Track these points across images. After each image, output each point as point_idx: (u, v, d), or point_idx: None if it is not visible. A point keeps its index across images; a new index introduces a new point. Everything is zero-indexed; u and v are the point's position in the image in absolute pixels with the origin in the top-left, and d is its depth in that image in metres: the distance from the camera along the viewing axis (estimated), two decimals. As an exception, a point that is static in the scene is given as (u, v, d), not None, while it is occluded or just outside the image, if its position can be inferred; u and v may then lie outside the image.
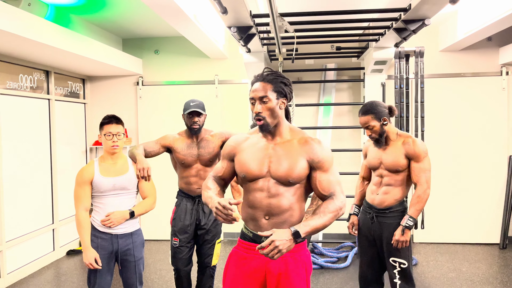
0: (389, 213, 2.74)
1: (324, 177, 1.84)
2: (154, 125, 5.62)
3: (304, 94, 5.51)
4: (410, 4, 3.07)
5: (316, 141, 1.87)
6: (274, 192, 1.83)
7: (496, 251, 5.01)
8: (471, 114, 5.25)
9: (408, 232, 2.64)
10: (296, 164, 1.82)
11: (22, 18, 3.43)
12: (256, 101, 1.83)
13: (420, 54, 4.60)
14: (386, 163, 2.73)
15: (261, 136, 1.92)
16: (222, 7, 2.81)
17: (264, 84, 1.83)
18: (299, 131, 1.93)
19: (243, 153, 1.90)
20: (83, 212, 2.60)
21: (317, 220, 1.75)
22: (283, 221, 1.84)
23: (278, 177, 1.82)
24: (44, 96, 4.80)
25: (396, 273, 2.72)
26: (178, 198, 3.16)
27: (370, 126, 2.70)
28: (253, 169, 1.85)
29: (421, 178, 2.65)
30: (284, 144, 1.87)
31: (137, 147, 2.91)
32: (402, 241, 2.65)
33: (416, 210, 2.66)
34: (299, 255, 1.88)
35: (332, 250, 4.98)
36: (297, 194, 1.86)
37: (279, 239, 1.65)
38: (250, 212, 1.89)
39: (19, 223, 4.36)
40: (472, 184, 5.27)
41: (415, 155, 2.66)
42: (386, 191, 2.76)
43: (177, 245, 3.06)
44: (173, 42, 5.66)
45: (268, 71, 1.88)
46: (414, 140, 2.69)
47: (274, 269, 1.85)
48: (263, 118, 1.82)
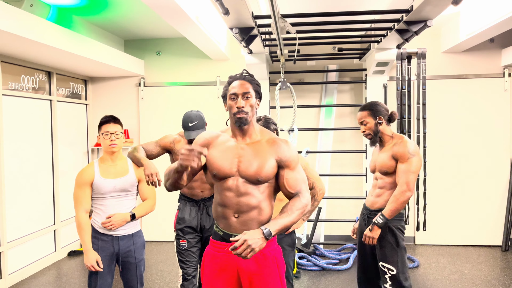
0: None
1: (291, 175, 1.91)
2: (156, 126, 5.63)
3: (306, 96, 5.51)
4: (412, 6, 3.06)
5: (283, 141, 1.95)
6: (243, 190, 1.88)
7: (498, 253, 4.99)
8: (473, 116, 5.23)
9: (376, 229, 2.59)
10: (265, 163, 1.88)
11: (24, 19, 3.44)
12: (238, 97, 1.90)
13: (422, 55, 4.59)
14: (378, 165, 2.74)
15: (230, 136, 1.98)
16: (224, 8, 2.80)
17: (246, 82, 1.93)
18: (267, 132, 2.01)
19: (214, 151, 1.95)
20: (83, 214, 2.59)
21: (286, 218, 1.82)
22: (252, 219, 1.89)
23: (247, 176, 1.88)
24: (46, 97, 4.80)
25: (387, 278, 2.67)
26: (181, 203, 3.07)
27: (365, 122, 2.72)
28: (223, 167, 1.90)
29: (401, 179, 2.58)
30: (253, 144, 1.93)
31: (137, 149, 2.85)
32: (369, 237, 2.62)
33: (389, 210, 2.57)
34: (268, 251, 1.92)
35: (333, 252, 4.97)
36: (265, 193, 1.92)
37: (251, 238, 1.71)
38: (220, 210, 1.94)
39: (20, 224, 4.37)
40: (474, 185, 5.26)
41: (400, 155, 2.61)
42: (379, 193, 2.75)
43: (186, 247, 2.95)
44: (174, 43, 5.67)
45: (246, 73, 1.98)
46: (403, 141, 2.65)
47: (245, 267, 1.90)
48: (246, 112, 1.89)
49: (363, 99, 5.35)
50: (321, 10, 3.55)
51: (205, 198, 3.03)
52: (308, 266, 4.52)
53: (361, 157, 5.39)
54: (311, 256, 4.65)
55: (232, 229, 1.91)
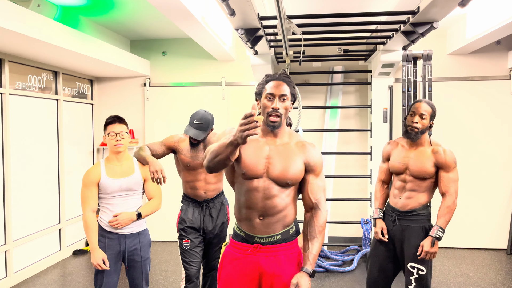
0: (413, 216, 2.69)
1: (315, 181, 1.90)
2: (161, 126, 5.64)
3: (311, 97, 5.51)
4: (418, 7, 3.05)
5: (312, 145, 1.93)
6: (270, 192, 1.85)
7: (503, 256, 4.96)
8: (479, 118, 5.21)
9: (437, 243, 2.60)
10: (294, 165, 1.85)
11: (32, 19, 3.46)
12: (275, 97, 1.84)
13: (428, 57, 4.58)
14: (413, 169, 2.68)
15: (261, 136, 1.92)
16: (230, 9, 2.81)
17: (284, 84, 1.87)
18: (296, 135, 1.98)
19: (246, 148, 1.88)
20: (90, 214, 2.61)
21: (317, 245, 1.86)
22: (277, 221, 1.88)
23: (276, 177, 1.84)
24: (52, 97, 4.83)
25: (412, 280, 2.65)
26: (184, 203, 3.08)
27: (425, 117, 2.66)
28: (254, 167, 1.85)
29: (451, 189, 2.62)
30: (283, 146, 1.90)
31: (143, 148, 2.86)
32: (431, 253, 2.59)
33: (445, 221, 2.60)
34: (291, 252, 1.91)
35: (337, 253, 4.97)
36: (291, 195, 1.90)
37: (304, 285, 1.79)
38: (245, 212, 1.90)
39: (26, 223, 4.39)
40: (479, 188, 5.23)
41: (446, 165, 2.64)
42: (409, 195, 2.71)
43: (189, 247, 2.95)
44: (180, 44, 5.68)
45: (285, 74, 1.93)
46: (445, 150, 2.68)
47: (268, 269, 1.87)
48: (280, 115, 1.84)
49: (368, 101, 5.34)
50: (327, 11, 3.55)
51: (208, 200, 3.03)
52: (312, 268, 4.51)
53: (365, 158, 5.38)
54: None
55: (256, 231, 1.88)
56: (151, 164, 2.66)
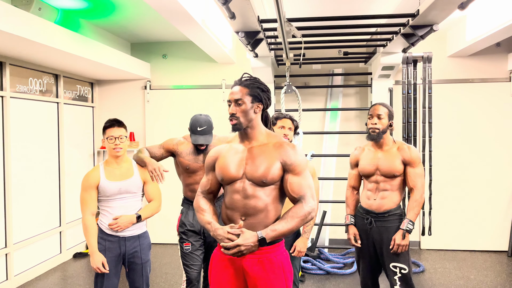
0: (389, 217, 2.76)
1: (295, 180, 1.90)
2: (161, 128, 5.65)
3: (311, 99, 5.51)
4: (418, 10, 3.06)
5: (290, 146, 1.94)
6: (249, 193, 1.90)
7: (504, 259, 4.95)
8: (479, 120, 5.21)
9: (408, 236, 2.68)
10: (270, 165, 1.89)
11: (33, 23, 3.47)
12: (232, 103, 1.94)
13: (428, 59, 4.58)
14: (383, 168, 2.76)
15: (238, 142, 2.01)
16: (230, 12, 2.82)
17: (241, 88, 1.94)
18: (275, 136, 2.01)
19: (222, 158, 1.99)
20: (90, 217, 2.61)
21: (284, 225, 1.83)
22: (259, 222, 1.90)
23: (253, 178, 1.90)
24: (53, 100, 4.84)
25: (396, 279, 2.72)
26: (184, 206, 3.06)
27: (382, 117, 2.77)
28: (230, 171, 1.93)
29: (418, 183, 2.73)
30: (260, 147, 1.95)
31: (142, 151, 2.86)
32: (402, 245, 2.67)
33: (415, 214, 2.71)
34: (274, 255, 1.92)
35: (338, 256, 4.96)
36: (272, 196, 1.92)
37: (245, 244, 1.78)
38: (228, 213, 1.96)
39: (26, 225, 4.39)
40: (480, 190, 5.23)
41: (412, 160, 2.74)
42: (383, 196, 2.78)
43: (190, 250, 2.94)
44: (181, 46, 5.69)
45: (246, 77, 1.99)
46: (409, 146, 2.78)
47: (251, 271, 1.90)
48: (237, 118, 1.93)
49: (368, 103, 5.34)
50: (327, 14, 3.56)
51: None
52: (313, 270, 4.51)
53: (366, 161, 5.37)
54: (316, 260, 4.64)
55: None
56: (148, 164, 2.67)
